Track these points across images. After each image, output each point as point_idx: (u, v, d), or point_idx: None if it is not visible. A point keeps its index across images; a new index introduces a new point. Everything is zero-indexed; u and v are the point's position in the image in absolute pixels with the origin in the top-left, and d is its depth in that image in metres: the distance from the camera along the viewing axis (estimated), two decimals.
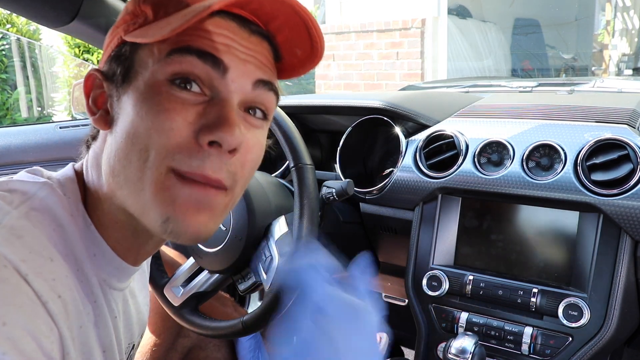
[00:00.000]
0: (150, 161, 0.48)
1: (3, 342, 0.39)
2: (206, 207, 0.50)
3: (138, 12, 0.52)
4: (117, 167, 0.51)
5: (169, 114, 0.48)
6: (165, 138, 0.48)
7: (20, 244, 0.46)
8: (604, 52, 5.52)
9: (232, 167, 0.51)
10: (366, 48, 4.62)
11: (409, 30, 4.34)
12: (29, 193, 0.51)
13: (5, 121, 4.84)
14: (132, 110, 0.49)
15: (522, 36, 5.04)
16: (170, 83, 0.49)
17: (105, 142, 0.53)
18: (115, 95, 0.52)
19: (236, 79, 0.50)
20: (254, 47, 0.52)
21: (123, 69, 0.52)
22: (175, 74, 0.49)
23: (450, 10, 4.47)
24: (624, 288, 0.85)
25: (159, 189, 0.49)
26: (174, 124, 0.48)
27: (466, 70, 4.59)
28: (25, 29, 5.08)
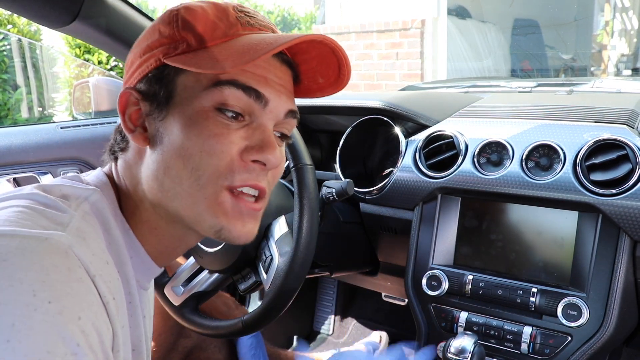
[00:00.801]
0: (204, 180, 0.55)
1: (78, 335, 0.43)
2: (252, 217, 0.59)
3: (177, 37, 0.55)
4: (166, 182, 0.56)
5: (218, 138, 0.54)
6: (217, 160, 0.55)
7: (86, 246, 0.49)
8: (603, 52, 5.53)
9: (269, 178, 0.60)
10: (366, 48, 4.62)
11: (409, 31, 4.34)
12: (82, 198, 0.54)
13: (7, 121, 4.84)
14: (180, 133, 0.55)
15: (522, 36, 5.04)
16: (216, 110, 0.55)
17: (143, 156, 0.58)
18: (156, 115, 0.56)
19: (274, 109, 0.58)
20: (283, 76, 0.59)
21: (166, 92, 0.56)
22: (222, 103, 0.55)
23: (449, 11, 4.47)
24: (623, 288, 0.85)
25: (213, 204, 0.56)
26: (224, 147, 0.55)
27: (466, 71, 4.59)
28: (26, 30, 5.08)
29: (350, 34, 4.69)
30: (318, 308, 1.92)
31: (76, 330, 0.43)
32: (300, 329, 1.87)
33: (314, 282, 1.91)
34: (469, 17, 4.81)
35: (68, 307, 0.43)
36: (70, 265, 0.45)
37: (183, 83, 0.55)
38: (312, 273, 1.07)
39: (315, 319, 1.91)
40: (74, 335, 0.42)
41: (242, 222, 0.58)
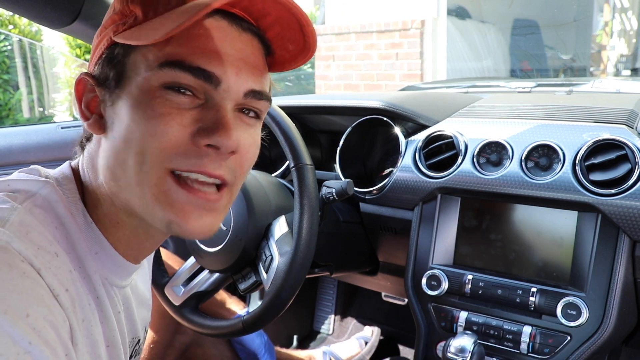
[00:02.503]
0: (147, 164, 0.50)
1: (29, 332, 0.42)
2: (209, 210, 0.52)
3: (127, 11, 0.51)
4: (117, 171, 0.52)
5: (163, 118, 0.49)
6: (161, 141, 0.49)
7: (29, 240, 0.47)
8: (602, 52, 5.53)
9: (232, 164, 0.53)
10: (366, 48, 4.62)
11: (409, 31, 4.34)
12: (32, 191, 0.52)
13: (8, 121, 4.85)
14: (127, 116, 0.50)
15: (521, 37, 5.04)
16: (164, 88, 0.50)
17: (100, 145, 0.54)
18: (108, 100, 0.52)
19: (229, 89, 0.51)
20: (245, 47, 0.52)
21: (116, 74, 0.52)
22: (169, 82, 0.50)
23: (449, 11, 4.47)
24: (622, 287, 0.85)
25: (158, 193, 0.50)
26: (170, 128, 0.49)
27: (465, 71, 4.59)
28: (27, 30, 5.08)
29: (350, 34, 4.69)
30: (318, 308, 1.92)
31: (26, 327, 0.41)
32: (300, 328, 1.87)
33: (314, 282, 1.91)
34: (468, 18, 4.81)
35: (13, 305, 0.42)
36: (11, 261, 0.44)
37: (132, 62, 0.51)
38: (312, 273, 1.07)
39: (315, 318, 1.91)
40: (25, 334, 0.41)
41: (196, 215, 0.51)
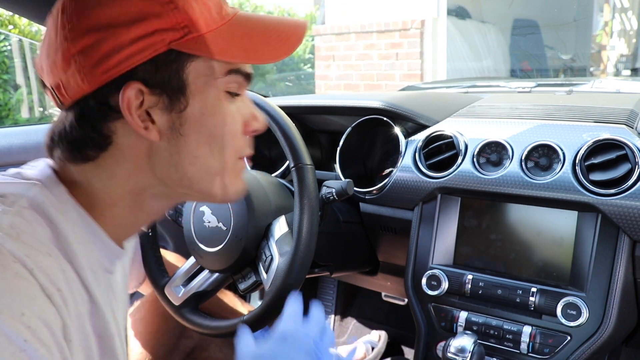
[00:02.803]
0: (227, 157, 0.60)
1: (24, 331, 0.43)
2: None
3: (180, 20, 0.53)
4: (193, 169, 0.58)
5: (233, 119, 0.59)
6: (237, 139, 0.60)
7: (20, 242, 0.48)
8: (602, 52, 5.53)
9: None
10: (366, 49, 4.62)
11: (409, 31, 4.34)
12: (20, 194, 0.53)
13: (7, 121, 4.85)
14: (205, 121, 0.57)
15: (521, 37, 5.04)
16: (225, 94, 0.59)
17: (145, 150, 0.56)
18: (170, 106, 0.55)
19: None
20: None
21: (177, 81, 0.54)
22: (233, 88, 0.59)
23: (449, 11, 4.47)
24: (622, 287, 0.85)
25: (235, 173, 0.62)
26: (238, 126, 0.61)
27: (465, 71, 4.59)
28: (27, 30, 5.08)
29: (350, 34, 4.69)
30: None
31: (21, 327, 0.43)
32: None
33: (314, 282, 1.91)
34: (468, 18, 4.82)
35: (8, 304, 0.43)
36: (4, 262, 0.45)
37: (195, 70, 0.55)
38: (312, 273, 1.07)
39: None
40: (20, 332, 0.42)
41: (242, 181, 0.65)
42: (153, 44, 0.52)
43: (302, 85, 6.73)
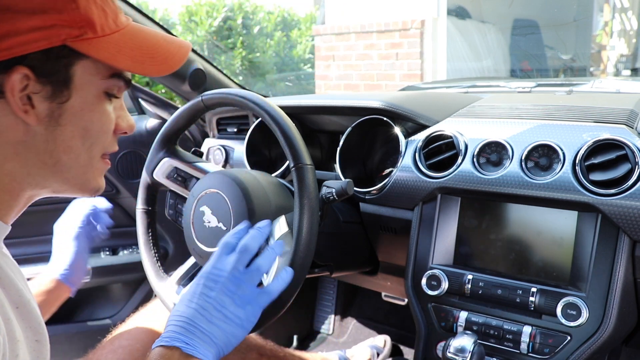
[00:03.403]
0: (96, 153, 0.65)
1: None
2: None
3: (79, 20, 0.57)
4: (64, 159, 0.62)
5: (108, 118, 0.65)
6: (106, 137, 0.66)
7: None
8: (602, 52, 5.53)
9: None
10: (366, 48, 4.62)
11: (409, 31, 4.34)
12: None
13: None
14: (83, 116, 0.62)
15: (521, 37, 5.04)
16: (104, 94, 0.64)
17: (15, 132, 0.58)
18: (52, 96, 0.59)
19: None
20: None
21: (64, 74, 0.59)
22: (110, 89, 0.64)
23: (449, 11, 4.47)
24: (622, 287, 0.85)
25: (97, 170, 0.67)
26: (110, 125, 0.66)
27: (465, 71, 4.59)
28: None
29: (350, 34, 4.69)
30: (318, 308, 1.92)
31: None
32: (300, 328, 1.87)
33: (314, 282, 1.91)
34: (468, 18, 4.82)
35: None
36: None
37: (83, 68, 0.60)
38: (312, 273, 1.07)
39: (315, 318, 1.91)
40: None
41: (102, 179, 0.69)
42: (49, 36, 0.56)
43: (302, 85, 6.73)
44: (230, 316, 0.68)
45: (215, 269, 0.72)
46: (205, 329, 0.66)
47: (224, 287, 0.70)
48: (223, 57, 6.54)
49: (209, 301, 0.68)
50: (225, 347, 0.68)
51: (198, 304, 0.68)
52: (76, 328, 1.62)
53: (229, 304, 0.69)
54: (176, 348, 0.63)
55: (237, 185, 0.91)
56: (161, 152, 1.05)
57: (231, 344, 0.68)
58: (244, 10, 6.70)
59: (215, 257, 0.74)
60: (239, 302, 0.69)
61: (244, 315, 0.69)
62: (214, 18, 6.37)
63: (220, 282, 0.70)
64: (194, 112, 1.01)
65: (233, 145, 1.53)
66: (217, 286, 0.70)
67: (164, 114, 1.68)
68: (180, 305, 0.69)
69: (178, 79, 1.51)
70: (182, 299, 0.70)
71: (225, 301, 0.69)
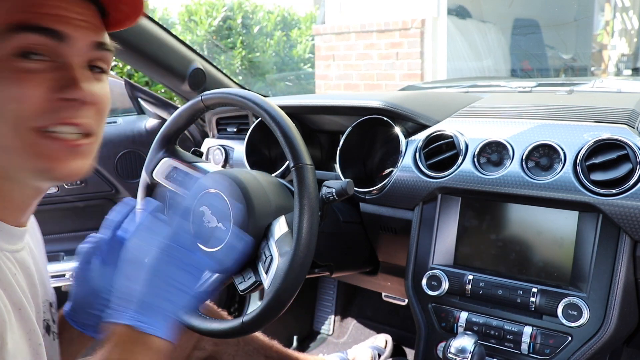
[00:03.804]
0: (12, 127, 0.55)
1: None
2: (77, 155, 0.59)
3: None
4: None
5: (19, 83, 0.55)
6: (20, 104, 0.55)
7: None
8: (603, 52, 5.52)
9: (90, 113, 0.60)
10: (366, 48, 4.62)
11: (409, 31, 4.34)
12: None
13: None
14: None
15: (522, 36, 5.04)
16: (15, 57, 0.54)
17: None
18: None
19: (76, 44, 0.58)
20: (84, 12, 0.59)
21: None
22: (18, 48, 0.54)
23: (449, 11, 4.47)
24: (623, 288, 0.85)
25: (29, 149, 0.56)
26: (26, 90, 0.55)
27: (466, 71, 4.58)
28: None
29: (350, 34, 4.68)
30: (318, 308, 1.92)
31: None
32: (300, 328, 1.87)
33: (314, 282, 1.91)
34: (469, 17, 4.81)
35: None
36: None
37: None
38: (312, 273, 1.07)
39: (315, 319, 1.91)
40: None
41: (69, 160, 0.59)
42: None
43: (302, 85, 6.72)
44: (175, 283, 0.65)
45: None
46: (153, 302, 0.63)
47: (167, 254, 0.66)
48: (223, 56, 6.54)
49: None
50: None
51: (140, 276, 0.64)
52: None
53: (174, 271, 0.65)
54: (130, 326, 0.61)
55: (237, 185, 0.91)
56: (161, 151, 1.05)
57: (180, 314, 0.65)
58: (244, 9, 6.70)
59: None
60: (184, 267, 0.66)
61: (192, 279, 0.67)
62: (213, 17, 6.37)
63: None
64: (193, 111, 1.01)
65: (233, 145, 1.52)
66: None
67: (164, 113, 1.68)
68: (121, 280, 0.66)
69: (178, 79, 1.51)
70: (120, 273, 0.67)
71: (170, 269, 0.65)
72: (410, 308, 1.05)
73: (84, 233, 1.79)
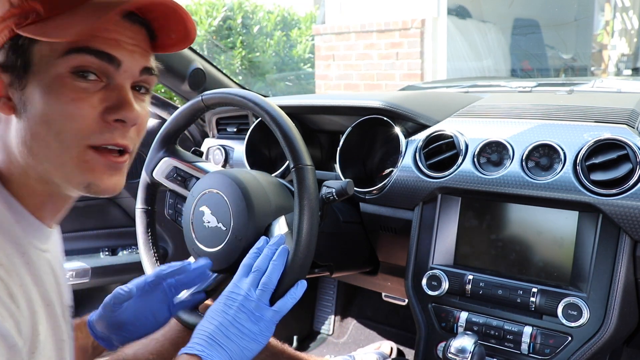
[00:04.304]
0: (68, 142, 0.59)
1: None
2: (117, 170, 0.65)
3: (27, 7, 0.57)
4: (35, 147, 0.60)
5: (76, 103, 0.59)
6: (78, 123, 0.59)
7: None
8: (603, 52, 5.52)
9: (132, 134, 0.65)
10: (366, 48, 4.62)
11: (409, 31, 4.34)
12: None
13: None
14: (42, 100, 0.58)
15: (522, 36, 5.03)
16: (71, 75, 0.58)
17: (10, 125, 0.61)
18: (17, 85, 0.59)
19: (128, 69, 0.62)
20: (135, 36, 0.63)
21: (22, 61, 0.58)
22: (76, 67, 0.59)
23: (449, 11, 4.46)
24: (623, 288, 0.85)
25: (80, 162, 0.61)
26: (83, 111, 0.59)
27: (466, 71, 4.58)
28: None
29: (350, 33, 4.68)
30: (318, 308, 1.92)
31: None
32: (300, 328, 1.87)
33: (314, 282, 1.91)
34: (469, 17, 4.81)
35: None
36: None
37: (39, 52, 0.58)
38: (312, 273, 1.07)
39: (315, 319, 1.91)
40: None
41: (109, 175, 0.63)
42: (6, 27, 0.58)
43: (302, 85, 6.72)
44: (246, 332, 0.75)
45: (234, 290, 0.78)
46: (223, 343, 0.73)
47: (240, 306, 0.76)
48: (223, 56, 6.54)
49: (227, 318, 0.75)
50: (240, 359, 0.74)
51: (218, 320, 0.74)
52: None
53: (245, 320, 0.75)
54: (197, 356, 0.70)
55: (237, 185, 0.91)
56: (161, 151, 1.05)
57: (246, 356, 0.74)
58: (244, 9, 6.70)
59: (235, 278, 0.80)
60: (254, 319, 0.76)
61: (258, 330, 0.75)
62: (213, 17, 6.37)
63: (238, 301, 0.76)
64: (193, 111, 1.01)
65: (233, 145, 1.52)
66: (235, 305, 0.76)
67: (164, 113, 1.68)
68: (205, 321, 0.76)
69: (178, 79, 1.51)
70: (206, 315, 0.76)
71: (241, 318, 0.75)
72: (410, 308, 1.05)
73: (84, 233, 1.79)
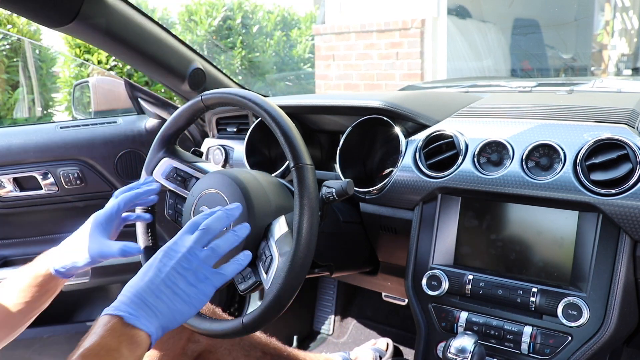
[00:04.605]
0: None
1: None
2: None
3: None
4: None
5: None
6: None
7: None
8: (603, 52, 5.52)
9: None
10: (366, 48, 4.62)
11: (409, 31, 4.34)
12: None
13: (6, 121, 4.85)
14: None
15: (522, 36, 5.03)
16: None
17: None
18: None
19: None
20: None
21: None
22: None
23: (449, 11, 4.47)
24: (623, 287, 0.85)
25: None
26: None
27: (466, 71, 4.58)
28: (25, 30, 5.08)
29: (350, 33, 4.68)
30: (318, 308, 1.92)
31: None
32: (300, 328, 1.87)
33: (314, 282, 1.91)
34: (469, 17, 4.81)
35: None
36: None
37: None
38: (312, 273, 1.07)
39: (315, 318, 1.91)
40: None
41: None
42: None
43: (302, 84, 6.73)
44: (180, 293, 0.68)
45: (174, 245, 0.71)
46: (151, 303, 0.66)
47: (177, 264, 0.69)
48: (223, 56, 6.55)
49: (159, 276, 0.68)
50: (170, 323, 0.67)
51: (150, 278, 0.67)
52: (75, 329, 1.61)
53: (180, 280, 0.68)
54: (119, 317, 0.63)
55: (237, 185, 0.91)
56: (161, 151, 1.05)
57: (176, 320, 0.68)
58: (244, 9, 6.70)
59: (178, 235, 0.74)
60: (191, 280, 0.69)
61: (194, 293, 0.69)
62: (213, 17, 6.37)
63: (176, 258, 0.69)
64: (193, 111, 1.01)
65: (233, 145, 1.52)
66: (171, 262, 0.69)
67: (164, 113, 1.68)
68: (136, 277, 0.69)
69: (178, 79, 1.51)
70: (140, 271, 0.70)
71: (176, 278, 0.68)
72: (410, 308, 1.05)
73: None
